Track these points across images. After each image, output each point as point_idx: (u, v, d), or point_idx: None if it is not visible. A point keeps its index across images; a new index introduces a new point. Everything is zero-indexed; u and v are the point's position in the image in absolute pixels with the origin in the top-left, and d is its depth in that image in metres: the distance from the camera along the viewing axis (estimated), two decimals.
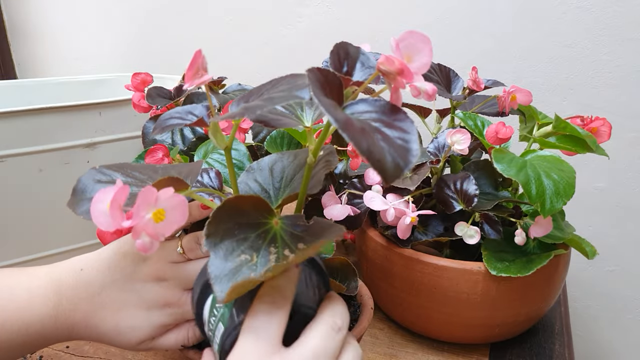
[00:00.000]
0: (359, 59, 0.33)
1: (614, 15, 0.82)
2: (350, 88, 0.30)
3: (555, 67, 0.88)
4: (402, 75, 0.27)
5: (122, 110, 0.67)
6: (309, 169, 0.35)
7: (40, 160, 0.63)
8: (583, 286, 0.98)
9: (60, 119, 0.63)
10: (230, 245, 0.30)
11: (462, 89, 0.62)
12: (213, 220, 0.31)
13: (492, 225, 0.51)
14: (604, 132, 0.53)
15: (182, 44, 1.20)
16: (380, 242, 0.55)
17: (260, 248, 0.30)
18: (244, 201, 0.32)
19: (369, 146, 0.24)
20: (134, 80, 0.61)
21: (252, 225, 0.32)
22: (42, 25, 1.36)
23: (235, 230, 0.31)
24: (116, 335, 0.38)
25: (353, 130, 0.25)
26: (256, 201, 0.33)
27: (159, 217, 0.28)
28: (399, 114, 0.27)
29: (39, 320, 0.37)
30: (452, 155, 0.57)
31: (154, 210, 0.28)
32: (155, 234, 0.28)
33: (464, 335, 0.54)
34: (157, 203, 0.28)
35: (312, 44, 1.06)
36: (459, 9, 0.91)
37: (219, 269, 0.29)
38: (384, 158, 0.24)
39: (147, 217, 0.27)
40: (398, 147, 0.25)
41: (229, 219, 0.31)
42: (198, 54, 0.31)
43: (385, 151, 0.25)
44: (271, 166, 0.40)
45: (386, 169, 0.24)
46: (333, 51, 0.31)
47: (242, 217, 0.32)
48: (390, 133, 0.26)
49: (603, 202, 0.91)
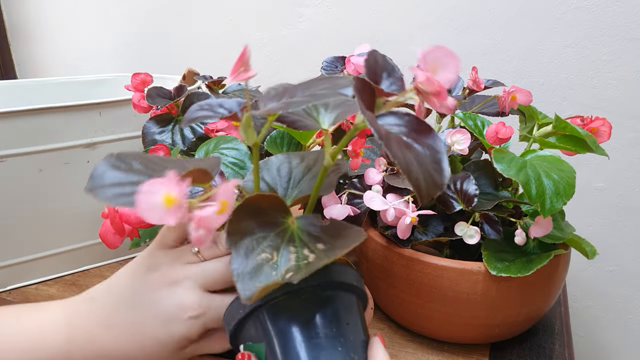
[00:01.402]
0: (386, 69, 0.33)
1: (614, 15, 0.82)
2: (381, 99, 0.30)
3: (555, 67, 0.88)
4: (438, 97, 0.28)
5: (122, 110, 0.67)
6: (324, 171, 0.34)
7: (40, 160, 0.63)
8: (583, 286, 0.98)
9: (60, 119, 0.63)
10: (250, 243, 0.30)
11: (462, 89, 0.62)
12: (234, 218, 0.31)
13: (492, 225, 0.51)
14: (604, 132, 0.53)
15: (182, 44, 1.20)
16: (380, 242, 0.55)
17: (279, 247, 0.31)
18: (263, 200, 0.33)
19: (408, 164, 0.25)
20: (134, 80, 0.61)
21: (270, 224, 0.32)
22: (42, 25, 1.36)
23: (255, 228, 0.31)
24: (144, 357, 0.35)
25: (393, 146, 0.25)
26: (274, 200, 0.33)
27: (223, 209, 0.27)
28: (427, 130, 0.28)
29: (52, 351, 0.35)
30: (452, 155, 0.57)
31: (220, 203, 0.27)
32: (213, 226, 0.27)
33: (464, 335, 0.54)
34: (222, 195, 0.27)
35: (312, 44, 1.06)
36: (458, 9, 0.91)
37: (241, 267, 0.29)
38: (419, 178, 0.25)
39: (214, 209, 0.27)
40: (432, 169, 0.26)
41: (248, 217, 0.31)
42: (245, 50, 0.32)
43: (420, 172, 0.26)
44: (278, 167, 0.40)
45: (422, 189, 0.25)
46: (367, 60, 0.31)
47: (260, 215, 0.32)
48: (422, 151, 0.27)
49: (603, 202, 0.91)
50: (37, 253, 0.68)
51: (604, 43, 0.84)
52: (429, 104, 0.28)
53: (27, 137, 0.61)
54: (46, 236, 0.68)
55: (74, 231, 0.70)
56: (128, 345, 0.34)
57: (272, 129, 0.66)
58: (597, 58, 0.85)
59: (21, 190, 0.63)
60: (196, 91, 0.63)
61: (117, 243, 0.40)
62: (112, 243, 0.39)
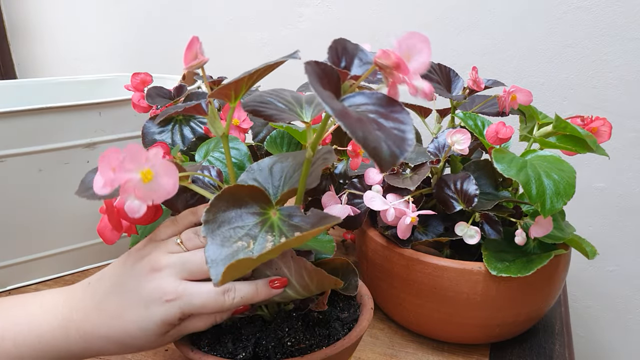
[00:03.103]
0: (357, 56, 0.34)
1: (614, 15, 0.82)
2: (348, 82, 0.31)
3: (556, 67, 0.88)
4: (399, 70, 0.28)
5: (122, 110, 0.67)
6: (307, 163, 0.35)
7: (40, 160, 0.63)
8: (583, 286, 0.98)
9: (60, 119, 0.63)
10: (227, 232, 0.31)
11: (462, 88, 0.62)
12: (211, 207, 0.31)
13: (492, 225, 0.51)
14: (604, 132, 0.53)
15: (181, 44, 1.19)
16: (380, 242, 0.55)
17: (257, 236, 0.31)
18: (243, 190, 0.33)
19: (365, 134, 0.25)
20: (134, 80, 0.61)
21: (250, 214, 0.33)
22: (42, 25, 1.36)
23: (233, 218, 0.32)
24: (131, 340, 0.37)
25: (349, 119, 0.25)
26: (254, 191, 0.34)
27: (147, 177, 0.28)
28: (396, 106, 0.28)
29: (50, 331, 0.37)
30: (452, 155, 0.57)
31: (142, 170, 0.28)
32: (143, 196, 0.28)
33: (464, 335, 0.54)
34: (146, 162, 0.28)
35: (312, 44, 1.05)
36: (459, 9, 0.91)
37: (216, 254, 0.30)
38: (379, 146, 0.25)
39: (135, 175, 0.28)
40: (394, 137, 0.26)
41: (227, 207, 0.32)
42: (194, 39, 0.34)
43: (381, 140, 0.25)
44: (271, 167, 0.40)
45: (382, 157, 0.25)
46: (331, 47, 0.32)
47: (240, 206, 0.33)
48: (387, 124, 0.27)
49: (603, 202, 0.91)
50: (37, 253, 0.68)
51: (604, 43, 0.84)
52: (395, 80, 0.29)
53: (27, 137, 0.61)
54: (46, 236, 0.68)
55: (74, 231, 0.70)
56: (114, 329, 0.37)
57: (273, 129, 0.66)
58: (597, 58, 0.85)
59: (21, 190, 0.63)
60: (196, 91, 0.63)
61: (115, 239, 0.40)
62: (109, 239, 0.40)
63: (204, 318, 0.38)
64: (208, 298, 0.35)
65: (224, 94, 0.33)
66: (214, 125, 0.37)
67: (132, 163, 0.28)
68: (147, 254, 0.38)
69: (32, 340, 0.37)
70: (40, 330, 0.37)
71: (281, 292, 0.36)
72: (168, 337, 0.38)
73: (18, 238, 0.66)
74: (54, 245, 0.69)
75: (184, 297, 0.36)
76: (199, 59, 0.34)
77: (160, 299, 0.36)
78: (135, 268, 0.37)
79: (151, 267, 0.37)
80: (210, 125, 0.37)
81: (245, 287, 0.36)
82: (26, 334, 0.37)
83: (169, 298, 0.36)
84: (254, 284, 0.36)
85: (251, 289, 0.36)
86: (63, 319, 0.37)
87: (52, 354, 0.37)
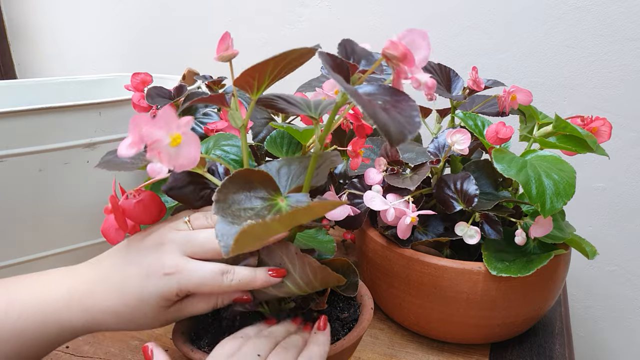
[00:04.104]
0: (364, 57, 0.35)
1: (614, 15, 0.82)
2: (357, 75, 0.33)
3: (556, 67, 0.88)
4: (405, 61, 0.29)
5: (122, 110, 0.67)
6: (314, 158, 0.37)
7: (40, 160, 0.63)
8: (583, 286, 0.98)
9: (60, 119, 0.63)
10: (237, 211, 0.32)
11: (462, 89, 0.62)
12: (223, 188, 0.33)
13: (492, 225, 0.51)
14: (604, 132, 0.53)
15: (181, 44, 1.20)
16: (380, 242, 0.55)
17: (265, 217, 0.32)
18: (254, 175, 0.35)
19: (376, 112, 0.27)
20: (134, 80, 0.61)
21: (259, 198, 0.34)
22: (42, 25, 1.36)
23: (243, 200, 0.33)
24: (130, 314, 0.37)
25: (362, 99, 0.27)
26: (265, 177, 0.35)
27: (175, 142, 0.29)
28: (402, 95, 0.30)
29: (53, 303, 0.37)
30: (452, 155, 0.57)
31: (173, 134, 0.29)
32: (168, 159, 0.29)
33: (464, 335, 0.54)
34: (177, 128, 0.29)
35: (312, 44, 1.05)
36: (459, 9, 0.91)
37: (225, 229, 0.31)
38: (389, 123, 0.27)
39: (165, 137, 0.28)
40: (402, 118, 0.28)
41: (237, 189, 0.34)
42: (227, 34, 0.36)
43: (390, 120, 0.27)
44: (278, 169, 0.41)
45: (391, 133, 0.26)
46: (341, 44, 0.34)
47: (250, 189, 0.34)
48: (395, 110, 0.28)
49: (603, 202, 0.91)
50: (37, 253, 0.68)
51: (604, 43, 0.84)
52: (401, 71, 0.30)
53: (27, 137, 0.61)
54: (46, 236, 0.68)
55: (74, 231, 0.70)
56: (115, 301, 0.37)
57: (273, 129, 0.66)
58: (597, 58, 0.85)
59: (21, 190, 0.63)
60: (196, 91, 0.63)
61: (120, 238, 0.40)
62: (114, 238, 0.40)
63: (203, 299, 0.39)
64: (206, 276, 0.36)
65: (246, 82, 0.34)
66: (234, 116, 0.38)
67: (165, 124, 0.28)
68: (154, 230, 0.39)
69: (36, 314, 0.37)
70: (44, 304, 0.37)
71: (279, 281, 0.37)
72: (168, 314, 0.38)
73: (18, 238, 0.66)
74: (54, 245, 0.69)
75: (183, 272, 0.37)
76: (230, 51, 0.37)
77: (159, 271, 0.37)
78: (142, 242, 0.39)
79: (156, 240, 0.38)
80: (230, 117, 0.38)
81: (244, 271, 0.37)
82: (30, 307, 0.37)
83: (168, 272, 0.36)
84: (253, 269, 0.37)
85: (249, 273, 0.37)
86: (67, 291, 0.38)
87: (55, 328, 0.38)
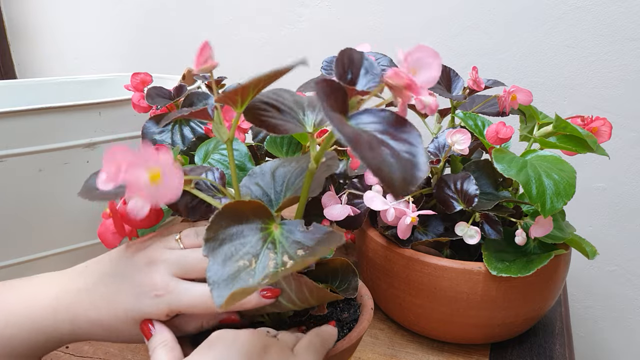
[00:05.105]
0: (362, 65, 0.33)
1: (615, 15, 0.82)
2: (355, 98, 0.30)
3: (556, 67, 0.88)
4: (410, 90, 0.27)
5: (122, 110, 0.67)
6: (310, 175, 0.35)
7: (39, 160, 0.63)
8: (583, 286, 0.98)
9: (59, 119, 0.63)
10: (229, 250, 0.30)
11: (462, 88, 0.62)
12: (212, 225, 0.31)
13: (492, 225, 0.51)
14: (605, 132, 0.53)
15: (181, 44, 1.19)
16: (380, 242, 0.55)
17: (259, 254, 0.31)
18: (244, 206, 0.33)
19: (378, 164, 0.25)
20: (134, 80, 0.61)
21: (251, 230, 0.32)
22: (42, 25, 1.36)
23: (235, 235, 0.31)
24: (117, 327, 0.37)
25: (362, 147, 0.25)
26: (256, 206, 0.33)
27: (155, 178, 0.27)
28: (405, 125, 0.28)
29: (40, 310, 0.37)
30: (452, 155, 0.57)
31: (152, 170, 0.27)
32: (148, 196, 0.28)
33: (464, 335, 0.54)
34: (155, 163, 0.27)
35: (312, 44, 1.05)
36: (459, 9, 0.91)
37: (217, 275, 0.29)
38: (392, 174, 0.25)
39: (144, 175, 0.27)
40: (406, 162, 0.25)
41: (228, 223, 0.31)
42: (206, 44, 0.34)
43: (394, 167, 0.25)
44: (273, 171, 0.40)
45: (395, 186, 0.24)
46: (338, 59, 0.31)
47: (241, 222, 0.32)
48: (397, 146, 0.26)
49: (603, 202, 0.91)
50: (37, 253, 0.68)
51: (604, 43, 0.84)
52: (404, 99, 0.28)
53: (27, 137, 0.61)
54: (46, 236, 0.68)
55: (74, 231, 0.70)
56: (103, 312, 0.37)
57: None
58: (597, 58, 0.85)
59: (21, 190, 0.63)
60: (196, 91, 0.63)
61: (116, 242, 0.40)
62: (111, 242, 0.40)
63: (192, 320, 0.39)
64: (197, 298, 0.36)
65: (230, 98, 0.33)
66: (219, 130, 0.36)
67: (142, 162, 0.27)
68: (147, 246, 0.39)
69: (24, 321, 0.37)
70: (31, 310, 0.37)
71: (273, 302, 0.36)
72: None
73: (18, 238, 0.66)
74: (54, 245, 0.69)
75: (174, 294, 0.36)
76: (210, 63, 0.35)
77: (150, 292, 0.36)
78: (133, 258, 0.38)
79: (149, 258, 0.38)
80: (215, 131, 0.37)
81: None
82: (17, 314, 0.37)
83: (159, 293, 0.36)
84: None
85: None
86: (54, 299, 0.37)
87: (43, 335, 0.37)
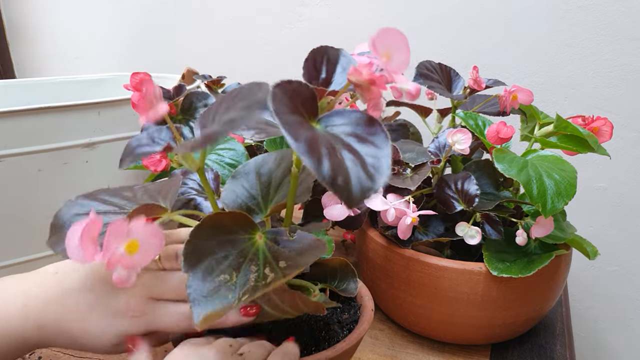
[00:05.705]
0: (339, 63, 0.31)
1: (615, 14, 0.82)
2: (326, 99, 0.29)
3: (557, 67, 0.88)
4: (375, 85, 0.26)
5: (121, 110, 0.67)
6: (294, 179, 0.33)
7: (39, 160, 0.63)
8: (584, 287, 0.98)
9: (59, 119, 0.62)
10: (210, 264, 0.29)
11: (463, 88, 0.61)
12: (191, 239, 0.29)
13: (493, 225, 0.51)
14: (606, 132, 0.53)
15: (181, 43, 1.19)
16: (380, 242, 0.54)
17: (240, 266, 0.30)
18: (225, 217, 0.31)
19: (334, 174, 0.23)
20: (133, 79, 0.61)
21: (233, 242, 0.31)
22: (41, 25, 1.35)
23: (216, 248, 0.30)
24: (86, 341, 0.37)
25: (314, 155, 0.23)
26: (238, 217, 0.32)
27: (132, 249, 0.27)
28: (374, 126, 0.26)
29: (10, 318, 0.36)
30: (452, 155, 0.57)
31: (127, 242, 0.27)
32: (131, 265, 0.27)
33: (465, 335, 0.53)
34: (130, 234, 0.27)
35: (312, 43, 1.04)
36: (459, 8, 0.91)
37: (197, 291, 0.28)
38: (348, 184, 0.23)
39: (120, 250, 0.27)
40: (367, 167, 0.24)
41: (208, 237, 0.30)
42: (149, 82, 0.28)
43: (351, 175, 0.24)
44: (258, 169, 0.38)
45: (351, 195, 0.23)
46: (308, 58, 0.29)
47: (223, 234, 0.31)
48: (362, 149, 0.25)
49: (604, 202, 0.91)
50: (37, 253, 0.68)
51: (605, 42, 0.83)
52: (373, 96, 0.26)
53: (26, 137, 0.61)
54: (45, 236, 0.67)
55: None
56: (75, 326, 0.36)
57: None
58: (598, 57, 0.85)
59: (20, 190, 0.63)
60: (195, 90, 0.62)
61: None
62: None
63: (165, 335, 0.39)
64: (174, 320, 0.36)
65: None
66: (187, 161, 0.33)
67: (116, 242, 0.27)
68: None
69: None
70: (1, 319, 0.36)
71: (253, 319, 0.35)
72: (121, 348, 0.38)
73: (18, 238, 0.65)
74: None
75: (150, 315, 0.36)
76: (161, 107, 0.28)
77: (126, 313, 0.36)
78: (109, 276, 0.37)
79: None
80: (183, 161, 0.33)
81: None
82: None
83: (135, 315, 0.36)
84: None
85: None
86: (22, 307, 0.37)
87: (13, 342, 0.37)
